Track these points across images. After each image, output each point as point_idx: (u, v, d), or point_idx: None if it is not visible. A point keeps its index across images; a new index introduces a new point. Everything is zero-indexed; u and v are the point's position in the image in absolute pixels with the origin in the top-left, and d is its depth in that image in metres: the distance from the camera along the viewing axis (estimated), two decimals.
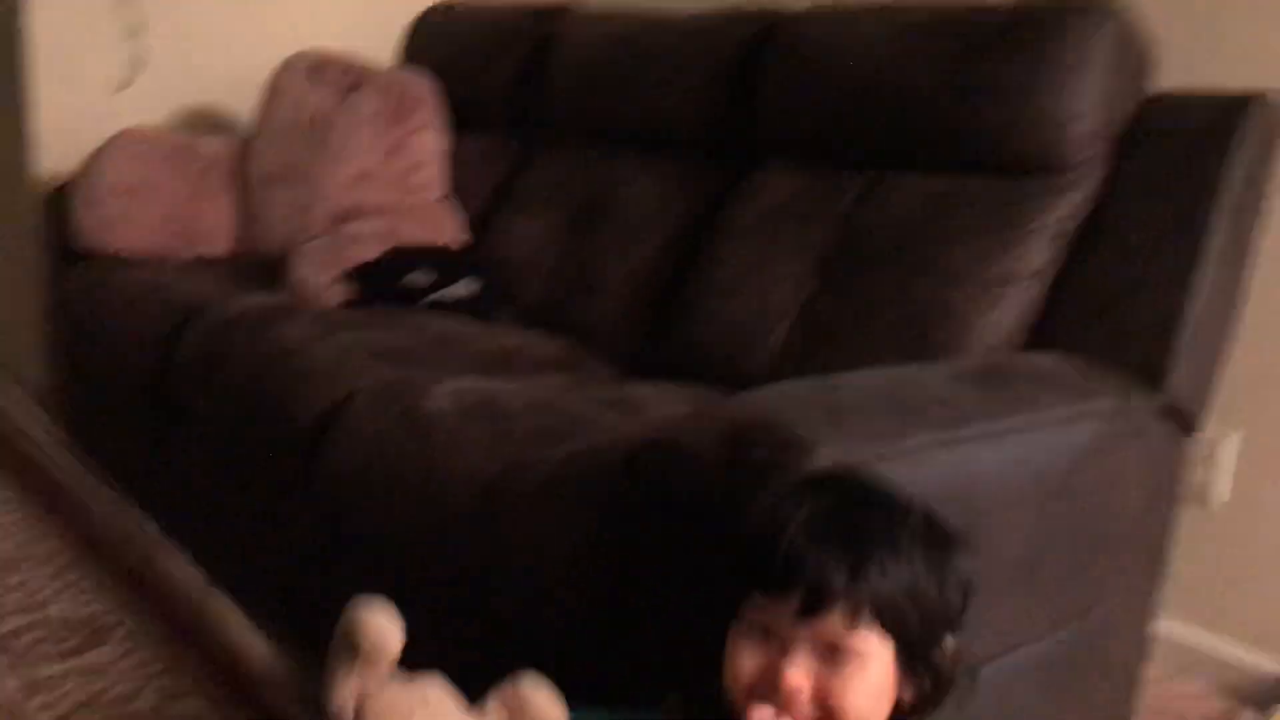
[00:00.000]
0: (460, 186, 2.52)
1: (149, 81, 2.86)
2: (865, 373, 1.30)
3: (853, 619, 0.85)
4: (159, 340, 2.10)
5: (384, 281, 2.13)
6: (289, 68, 2.52)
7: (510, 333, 2.11)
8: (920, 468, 1.14)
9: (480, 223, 2.46)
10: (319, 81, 2.47)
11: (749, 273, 1.86)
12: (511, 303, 2.23)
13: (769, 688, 0.86)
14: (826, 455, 1.05)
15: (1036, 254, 1.62)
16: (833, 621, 0.85)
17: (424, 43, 2.77)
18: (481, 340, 2.01)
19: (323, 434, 1.66)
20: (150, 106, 2.87)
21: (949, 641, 0.91)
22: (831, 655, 0.86)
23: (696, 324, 1.91)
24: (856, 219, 1.80)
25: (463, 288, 2.16)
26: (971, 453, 1.20)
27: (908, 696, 0.90)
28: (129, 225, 2.38)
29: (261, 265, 2.44)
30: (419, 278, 2.14)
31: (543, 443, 1.40)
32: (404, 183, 2.40)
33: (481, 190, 2.51)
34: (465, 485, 1.42)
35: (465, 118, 2.56)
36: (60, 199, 2.46)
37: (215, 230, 2.52)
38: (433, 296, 2.13)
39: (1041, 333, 1.62)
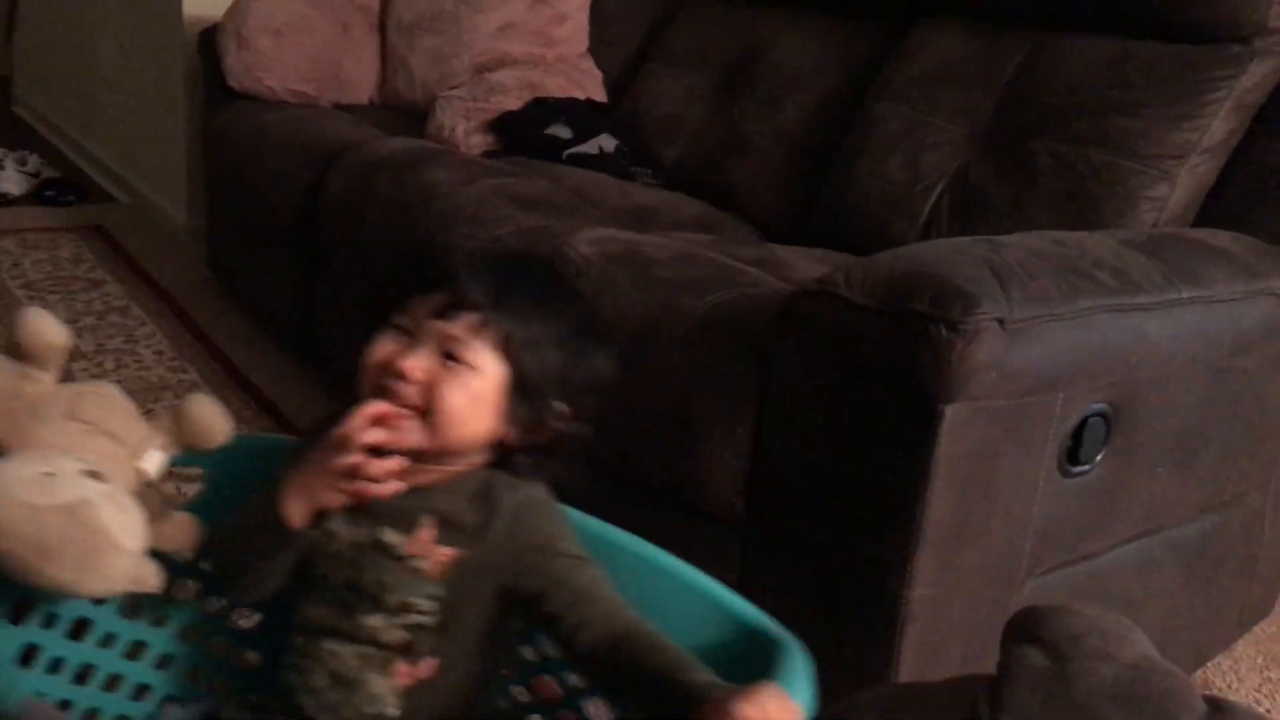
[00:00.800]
0: (602, 41, 2.48)
1: None
2: (1029, 234, 1.25)
3: (475, 331, 0.93)
4: (305, 181, 2.13)
5: (525, 132, 2.12)
6: None
7: (649, 191, 2.09)
8: (1086, 332, 1.11)
9: (621, 79, 2.42)
10: None
11: (902, 138, 1.81)
12: (650, 161, 2.20)
13: (388, 374, 0.94)
14: (989, 310, 1.02)
15: (1215, 127, 1.53)
16: (457, 327, 0.93)
17: None
18: (620, 196, 2.00)
19: None
20: None
21: (561, 407, 0.98)
22: (449, 359, 0.93)
23: (845, 188, 1.86)
24: (1020, 84, 1.72)
25: (602, 143, 2.14)
26: (1138, 322, 1.16)
27: (512, 436, 0.97)
28: (278, 67, 2.41)
29: (403, 112, 2.46)
30: (559, 130, 2.13)
31: (690, 291, 1.39)
32: (547, 35, 2.37)
33: (624, 46, 2.47)
34: (612, 330, 1.42)
35: None
36: (212, 39, 2.49)
37: (359, 76, 2.53)
38: (572, 150, 2.11)
39: (1212, 211, 1.54)
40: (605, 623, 0.90)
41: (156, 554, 0.97)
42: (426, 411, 0.93)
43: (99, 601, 1.07)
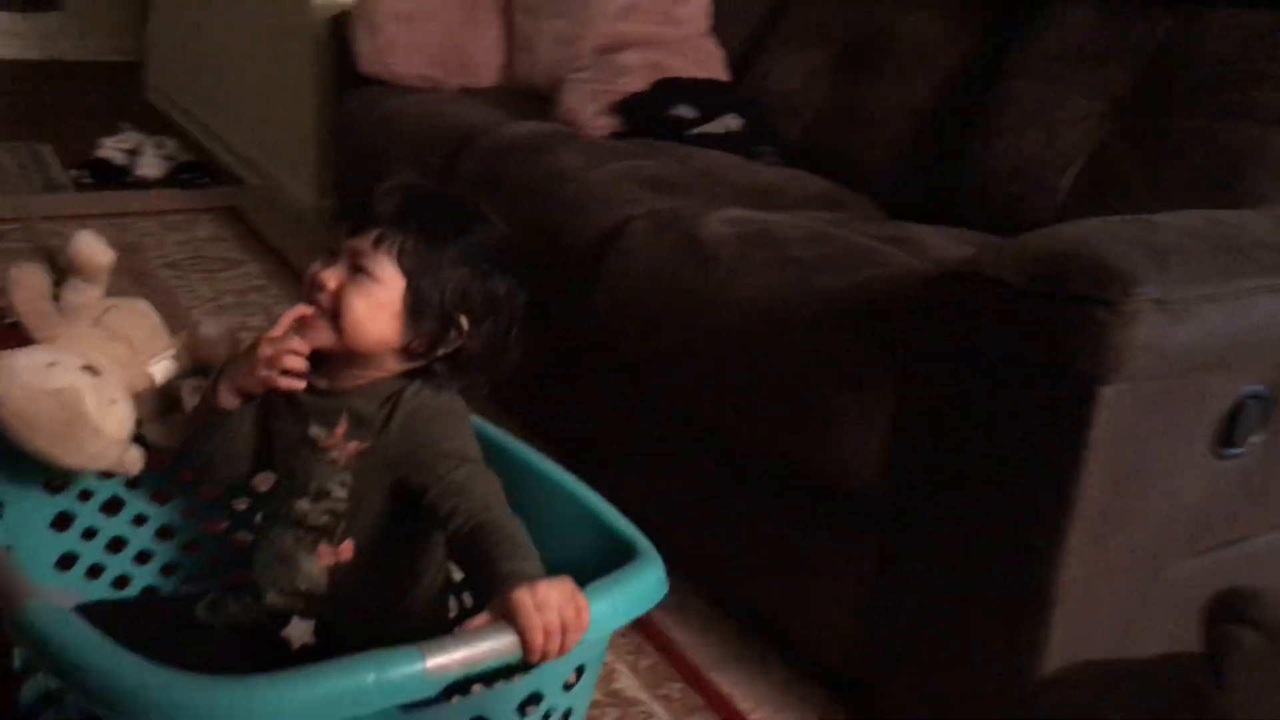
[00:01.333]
0: (723, 20, 2.49)
1: None
2: (1183, 214, 1.23)
3: (376, 244, 1.06)
4: (435, 165, 2.18)
5: (650, 113, 2.14)
6: None
7: (772, 168, 2.09)
8: (1245, 312, 1.09)
9: (742, 57, 2.43)
10: None
11: (1036, 114, 1.78)
12: (774, 139, 2.20)
13: (312, 288, 1.08)
14: (1147, 290, 1.01)
15: None
16: (363, 241, 1.06)
17: None
18: (745, 174, 2.01)
19: (598, 259, 1.71)
20: None
21: (465, 323, 1.10)
22: (356, 271, 1.06)
23: (974, 166, 1.84)
24: (1161, 58, 1.69)
25: (726, 122, 2.15)
26: None
27: (416, 345, 1.09)
28: (405, 52, 2.46)
29: (527, 94, 2.50)
30: (684, 110, 2.14)
31: (824, 272, 1.40)
32: (669, 15, 2.38)
33: (744, 25, 2.47)
34: (742, 312, 1.43)
35: None
36: (342, 25, 2.56)
37: (484, 59, 2.57)
38: (697, 130, 2.13)
39: None
40: (471, 514, 1.00)
41: None
42: (335, 315, 1.07)
43: (132, 484, 1.29)
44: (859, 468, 1.28)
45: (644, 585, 0.97)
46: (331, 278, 1.07)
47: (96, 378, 1.16)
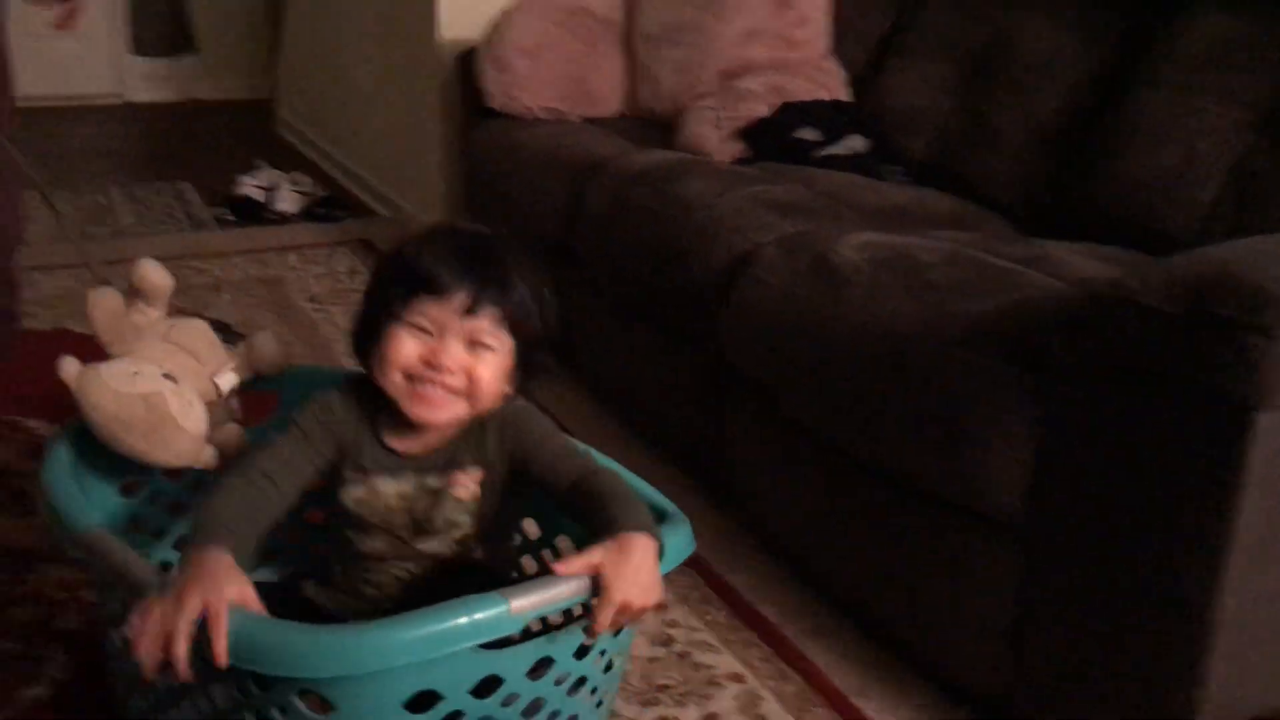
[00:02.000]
0: (842, 41, 2.49)
1: None
2: None
3: (496, 321, 1.13)
4: (562, 195, 2.23)
5: (775, 138, 2.16)
6: None
7: (899, 188, 2.09)
8: None
9: (864, 77, 2.43)
10: None
11: (1172, 125, 1.75)
12: (899, 158, 2.20)
13: (429, 369, 1.12)
14: None
15: None
16: (481, 321, 1.12)
17: None
18: (873, 196, 2.01)
19: (729, 285, 1.73)
20: None
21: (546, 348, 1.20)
22: (475, 346, 1.13)
23: (1107, 180, 1.82)
24: None
25: (851, 143, 2.16)
26: None
27: (512, 386, 1.19)
28: (531, 86, 2.53)
29: (649, 123, 2.54)
30: (808, 133, 2.15)
31: (964, 295, 1.40)
32: (789, 38, 2.40)
33: (864, 44, 2.47)
34: (878, 338, 1.44)
35: None
36: (469, 61, 2.64)
37: (605, 90, 2.62)
38: (822, 152, 2.14)
39: None
40: (570, 474, 1.18)
41: None
42: (468, 393, 1.14)
43: (195, 486, 1.43)
44: (1002, 493, 1.28)
45: (678, 543, 1.15)
46: (455, 360, 1.12)
47: (176, 384, 1.31)
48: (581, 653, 1.11)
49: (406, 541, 1.20)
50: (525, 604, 0.99)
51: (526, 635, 1.05)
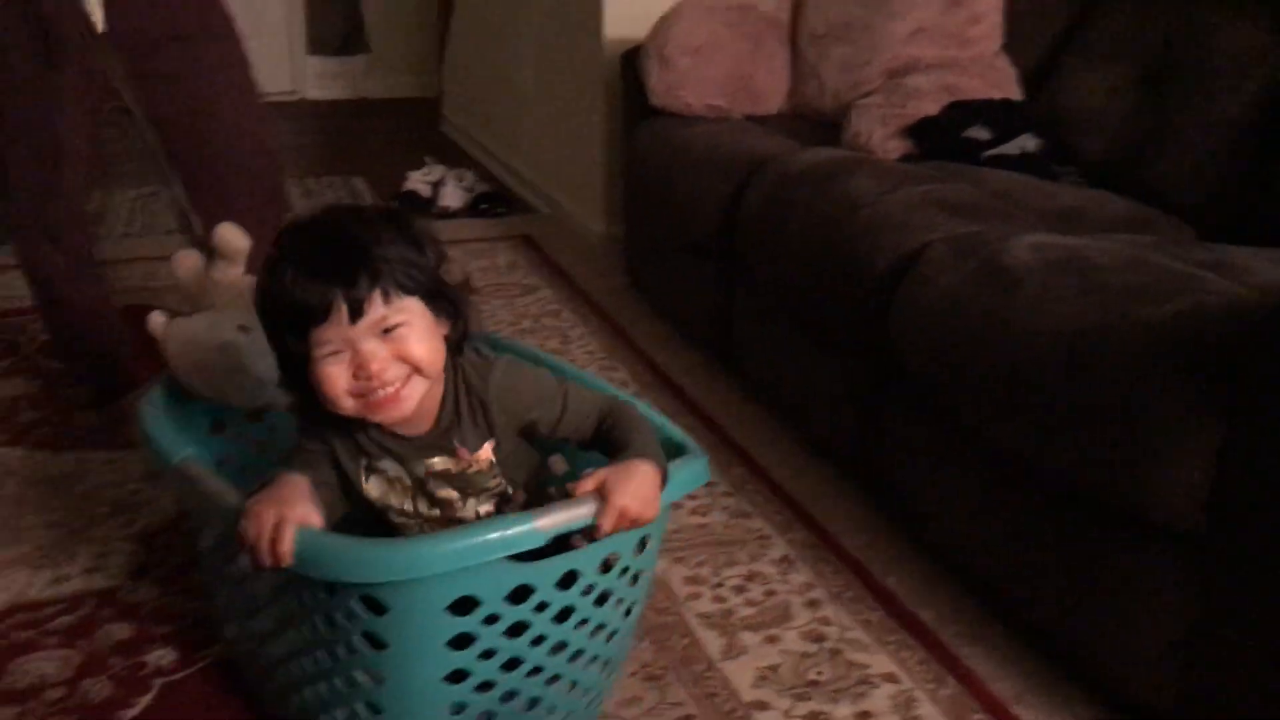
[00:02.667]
0: (1015, 38, 2.44)
1: None
2: None
3: (386, 302, 1.12)
4: (725, 192, 2.25)
5: (943, 136, 2.13)
6: None
7: (1073, 190, 2.04)
8: None
9: (1036, 76, 2.37)
10: None
11: None
12: (1072, 159, 2.14)
13: (364, 381, 1.12)
14: None
15: None
16: (374, 310, 1.11)
17: None
18: (1044, 197, 1.97)
19: (894, 284, 1.72)
20: None
21: (447, 277, 1.19)
22: (387, 333, 1.13)
23: None
24: None
25: (1022, 143, 2.11)
26: None
27: (451, 331, 1.19)
28: (695, 84, 2.55)
29: (812, 120, 2.53)
30: (978, 132, 2.12)
31: (1140, 301, 1.36)
32: (961, 36, 2.36)
33: (1038, 42, 2.41)
34: (1051, 341, 1.41)
35: None
36: (634, 59, 2.67)
37: (769, 87, 2.63)
38: (992, 151, 2.10)
39: None
40: (585, 423, 1.26)
41: None
42: (413, 374, 1.15)
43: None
44: (1179, 503, 1.24)
45: (692, 472, 1.28)
46: (379, 360, 1.12)
47: (250, 334, 1.44)
48: (606, 567, 1.23)
49: (444, 515, 1.25)
50: (548, 521, 1.13)
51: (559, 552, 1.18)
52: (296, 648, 1.23)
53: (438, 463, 1.22)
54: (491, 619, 1.16)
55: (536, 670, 1.22)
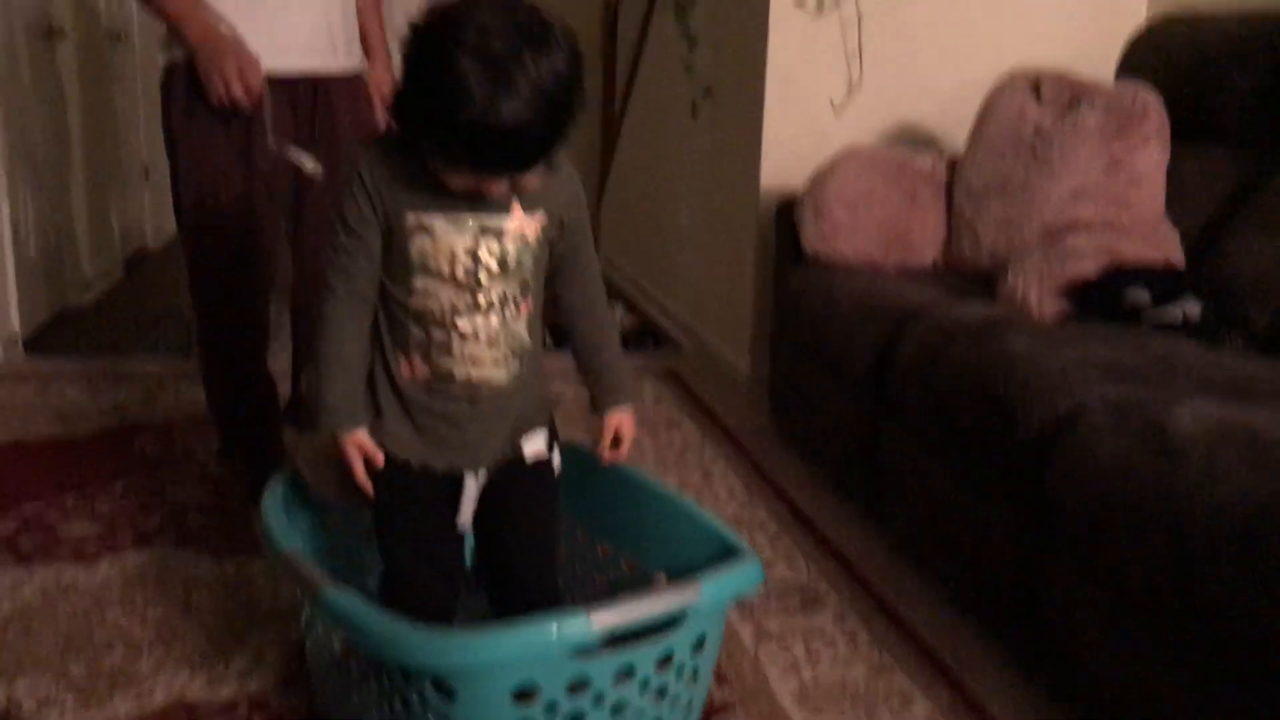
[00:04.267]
0: (1178, 202, 2.42)
1: (863, 100, 3.10)
2: None
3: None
4: (877, 340, 2.27)
5: (1103, 298, 2.11)
6: (1007, 85, 2.59)
7: (1241, 359, 1.99)
8: None
9: (1200, 240, 2.34)
10: (1038, 97, 2.51)
11: None
12: (1240, 326, 2.10)
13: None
14: None
15: None
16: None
17: (1145, 56, 2.69)
18: (1211, 364, 1.92)
19: (1049, 445, 1.70)
20: (863, 124, 3.11)
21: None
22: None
23: None
24: None
25: (1184, 307, 2.08)
26: None
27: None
28: (850, 234, 2.60)
29: (969, 277, 2.54)
30: (1138, 296, 2.09)
31: None
32: (1123, 198, 2.36)
33: (1202, 206, 2.39)
34: (1221, 518, 1.37)
35: (1186, 131, 2.46)
36: (790, 209, 2.74)
37: (923, 241, 2.66)
38: (1153, 316, 2.07)
39: None
40: (579, 294, 1.49)
41: None
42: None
43: None
44: None
45: (745, 574, 1.42)
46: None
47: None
48: (664, 663, 1.34)
49: (475, 290, 1.36)
50: (607, 618, 1.26)
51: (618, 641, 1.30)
52: None
53: (490, 220, 1.35)
54: (551, 707, 1.28)
55: None
